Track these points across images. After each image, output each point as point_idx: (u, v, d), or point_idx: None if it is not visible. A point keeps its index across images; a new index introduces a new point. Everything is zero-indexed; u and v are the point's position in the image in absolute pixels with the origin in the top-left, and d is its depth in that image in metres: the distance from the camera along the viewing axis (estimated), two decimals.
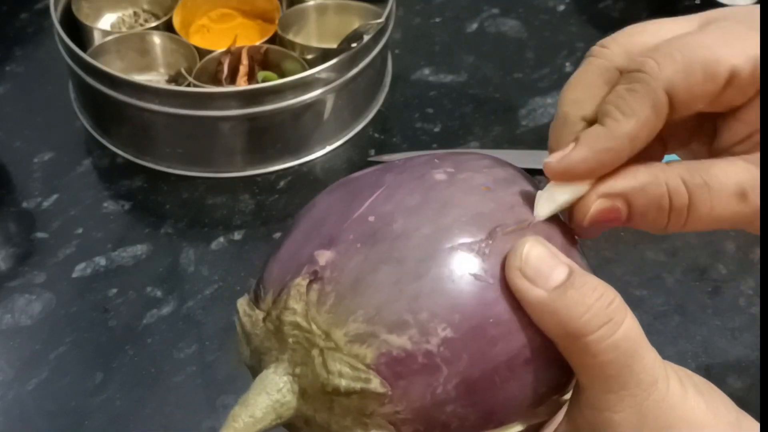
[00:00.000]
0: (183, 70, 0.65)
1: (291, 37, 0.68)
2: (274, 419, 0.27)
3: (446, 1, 0.78)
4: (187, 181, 0.63)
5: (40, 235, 0.59)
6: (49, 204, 0.61)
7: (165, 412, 0.50)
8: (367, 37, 0.62)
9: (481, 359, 0.26)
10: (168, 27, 0.68)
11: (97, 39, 0.67)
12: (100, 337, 0.53)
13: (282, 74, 0.65)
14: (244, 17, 0.72)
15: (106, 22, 0.72)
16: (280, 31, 0.67)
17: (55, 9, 0.65)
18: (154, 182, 0.63)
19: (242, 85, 0.64)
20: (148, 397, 0.50)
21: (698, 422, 0.28)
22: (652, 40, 0.28)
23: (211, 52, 0.66)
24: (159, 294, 0.55)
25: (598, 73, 0.29)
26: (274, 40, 0.67)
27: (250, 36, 0.70)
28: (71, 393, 0.51)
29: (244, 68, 0.65)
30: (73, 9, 0.67)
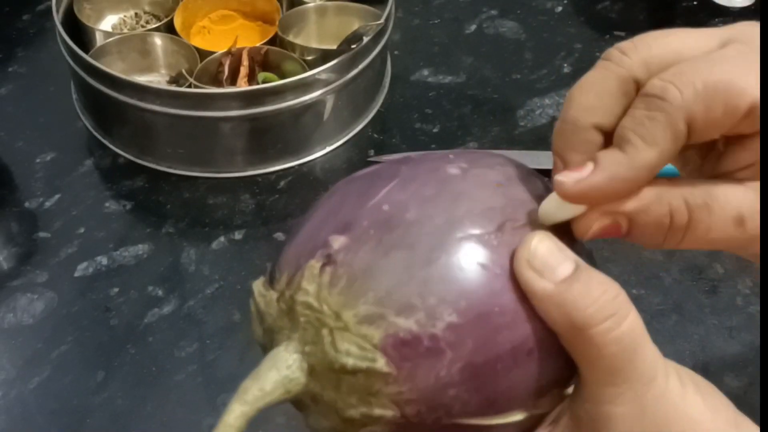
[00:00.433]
0: (184, 71, 0.65)
1: (291, 38, 0.68)
2: (282, 394, 0.28)
3: (445, 3, 0.78)
4: (188, 181, 0.63)
5: (42, 234, 0.59)
6: (51, 204, 0.61)
7: (166, 411, 0.50)
8: (366, 39, 0.62)
9: (485, 346, 0.26)
10: (169, 28, 0.68)
11: (99, 40, 0.68)
12: (101, 336, 0.53)
13: (282, 75, 0.65)
14: (245, 19, 0.72)
15: (108, 23, 0.72)
16: (280, 33, 0.67)
17: (57, 10, 0.66)
18: (156, 182, 0.63)
19: (243, 86, 0.64)
20: (150, 396, 0.51)
21: (696, 418, 0.28)
22: (673, 53, 0.28)
23: (211, 53, 0.66)
24: (160, 293, 0.56)
25: (616, 81, 0.28)
26: (275, 41, 0.68)
27: (250, 37, 0.70)
28: (73, 391, 0.51)
29: (244, 69, 0.65)
30: (75, 10, 0.68)
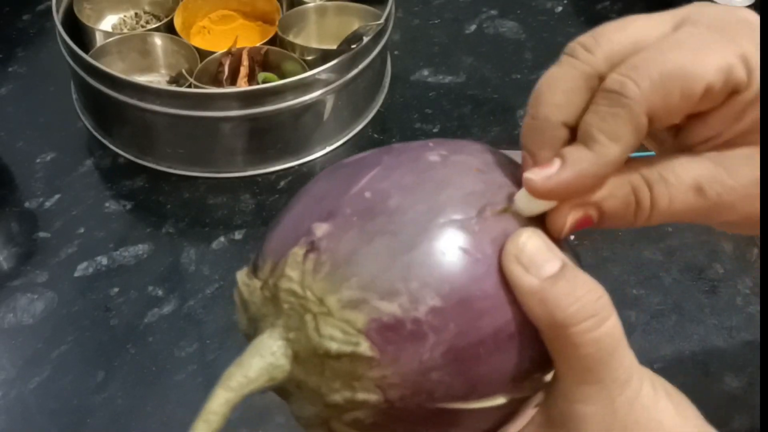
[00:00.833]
0: (184, 71, 0.65)
1: (291, 38, 0.68)
2: (266, 381, 0.28)
3: (445, 3, 0.78)
4: (188, 181, 0.63)
5: (42, 234, 0.59)
6: (51, 204, 0.61)
7: (166, 411, 0.50)
8: (366, 39, 0.62)
9: (468, 330, 0.27)
10: (169, 28, 0.68)
11: (99, 40, 0.68)
12: (101, 335, 0.54)
13: (282, 75, 0.65)
14: (245, 19, 0.72)
15: (108, 23, 0.72)
16: (280, 33, 0.67)
17: (57, 10, 0.66)
18: (156, 182, 0.63)
19: (243, 86, 0.64)
20: (150, 396, 0.51)
21: (666, 424, 0.28)
22: (632, 44, 0.28)
23: (211, 53, 0.66)
24: (160, 293, 0.56)
25: (582, 79, 0.29)
26: (275, 41, 0.68)
27: (250, 37, 0.70)
28: (73, 391, 0.51)
29: (244, 69, 0.65)
30: (75, 10, 0.68)
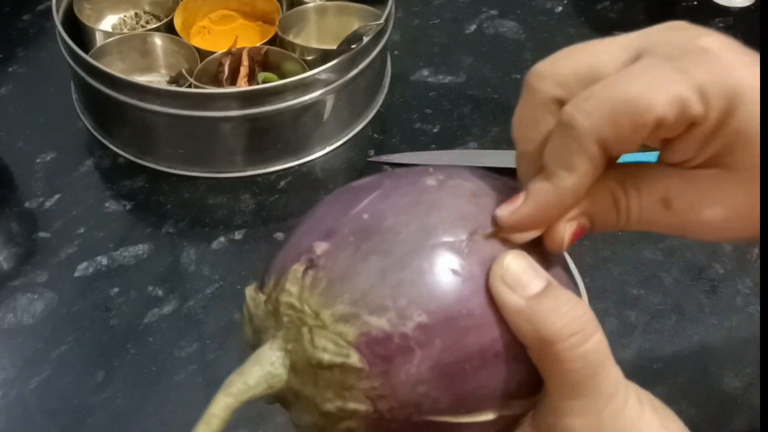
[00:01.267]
0: (184, 71, 0.65)
1: (291, 38, 0.68)
2: (265, 389, 0.29)
3: (445, 3, 0.78)
4: (188, 181, 0.63)
5: (42, 234, 0.59)
6: (51, 204, 0.61)
7: (166, 411, 0.50)
8: (366, 39, 0.62)
9: (454, 346, 0.28)
10: (169, 28, 0.68)
11: (99, 40, 0.68)
12: (101, 336, 0.54)
13: (282, 75, 0.65)
14: (245, 19, 0.72)
15: (108, 23, 0.72)
16: (280, 33, 0.67)
17: (57, 10, 0.66)
18: (156, 182, 0.63)
19: (243, 86, 0.64)
20: (150, 396, 0.51)
21: None
22: (587, 68, 0.29)
23: (211, 53, 0.66)
24: (160, 293, 0.56)
25: (541, 107, 0.30)
26: (275, 41, 0.68)
27: (250, 37, 0.70)
28: (73, 391, 0.51)
29: (244, 69, 0.65)
30: (75, 10, 0.68)
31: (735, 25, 0.75)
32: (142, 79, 0.66)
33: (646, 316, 0.55)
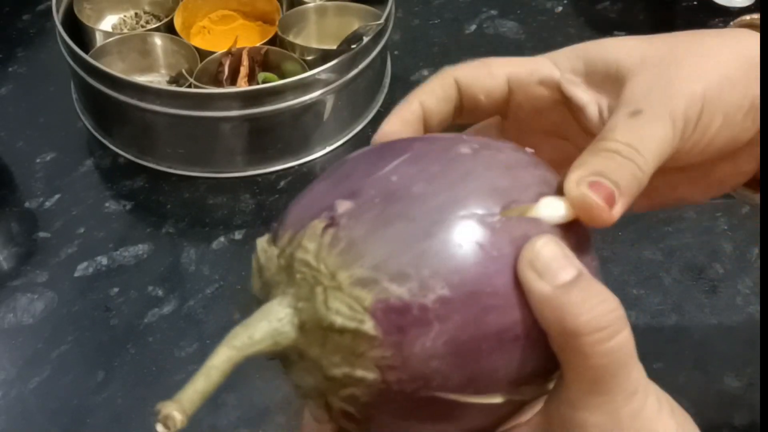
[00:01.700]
0: (184, 71, 0.65)
1: (291, 38, 0.68)
2: (270, 345, 0.28)
3: (445, 3, 0.78)
4: (188, 181, 0.63)
5: (42, 234, 0.59)
6: (52, 204, 0.61)
7: None
8: (366, 39, 0.62)
9: (472, 324, 0.27)
10: (169, 28, 0.68)
11: (99, 40, 0.68)
12: (101, 336, 0.53)
13: (282, 75, 0.65)
14: (245, 19, 0.72)
15: (108, 23, 0.72)
16: (280, 33, 0.67)
17: (57, 10, 0.66)
18: (156, 182, 0.63)
19: (243, 86, 0.64)
20: (150, 396, 0.50)
21: None
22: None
23: (211, 53, 0.66)
24: (160, 293, 0.56)
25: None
26: (275, 41, 0.68)
27: (250, 37, 0.70)
28: (73, 391, 0.51)
29: (244, 69, 0.65)
30: (75, 10, 0.68)
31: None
32: (142, 79, 0.66)
33: (646, 316, 0.55)
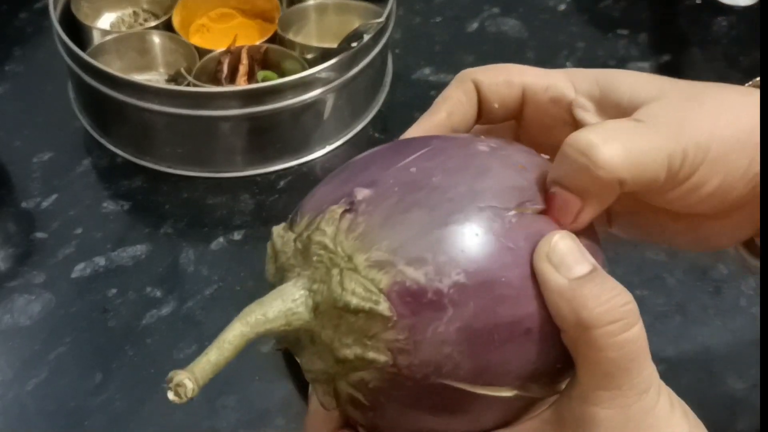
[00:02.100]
0: (183, 70, 0.65)
1: (291, 36, 0.68)
2: (282, 324, 0.29)
3: (446, 1, 0.78)
4: (187, 181, 0.63)
5: (39, 235, 0.59)
6: (49, 204, 0.61)
7: (164, 413, 0.49)
8: (367, 37, 0.62)
9: (486, 313, 0.27)
10: (168, 26, 0.68)
11: (97, 39, 0.67)
12: (99, 337, 0.53)
13: (282, 74, 0.65)
14: (244, 17, 0.72)
15: (106, 21, 0.72)
16: (280, 31, 0.67)
17: (55, 8, 0.65)
18: (154, 182, 0.63)
19: (242, 85, 0.64)
20: (148, 398, 0.50)
21: None
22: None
23: (210, 51, 0.66)
24: (158, 294, 0.55)
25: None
26: (274, 39, 0.67)
27: (249, 35, 0.70)
28: (71, 393, 0.50)
29: (243, 68, 0.65)
30: (73, 9, 0.67)
31: (738, 24, 0.75)
32: (141, 78, 0.66)
33: (649, 317, 0.54)
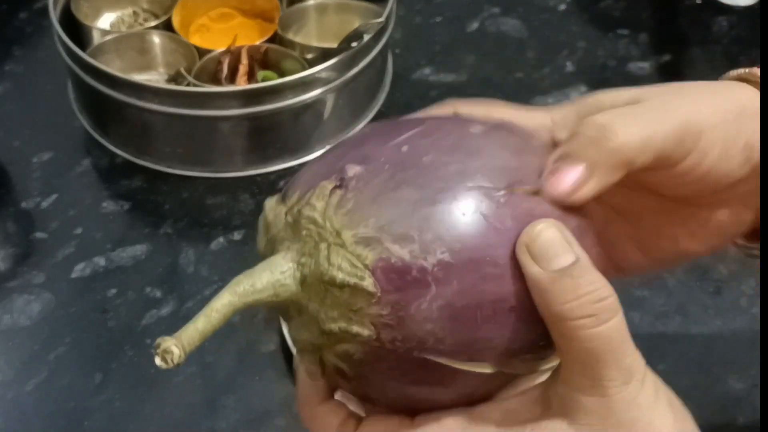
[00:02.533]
0: (182, 70, 0.65)
1: (291, 36, 0.68)
2: (270, 295, 0.29)
3: (447, 1, 0.78)
4: (187, 181, 0.62)
5: (39, 235, 0.59)
6: (48, 204, 0.61)
7: (164, 413, 0.49)
8: (367, 37, 0.62)
9: (469, 291, 0.28)
10: (167, 26, 0.68)
11: (97, 38, 0.67)
12: (99, 337, 0.53)
13: (282, 74, 0.65)
14: (244, 16, 0.72)
15: (106, 21, 0.72)
16: (280, 31, 0.67)
17: (54, 8, 0.65)
18: (154, 182, 0.62)
19: (242, 85, 0.64)
20: (148, 398, 0.50)
21: (661, 429, 0.29)
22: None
23: (210, 51, 0.66)
24: (158, 294, 0.55)
25: None
26: (274, 39, 0.67)
27: (249, 35, 0.70)
28: (70, 393, 0.50)
29: (243, 68, 0.65)
30: (72, 8, 0.67)
31: (739, 24, 0.75)
32: (140, 78, 0.66)
33: (650, 318, 0.54)
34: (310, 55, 0.66)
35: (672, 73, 0.71)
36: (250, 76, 0.65)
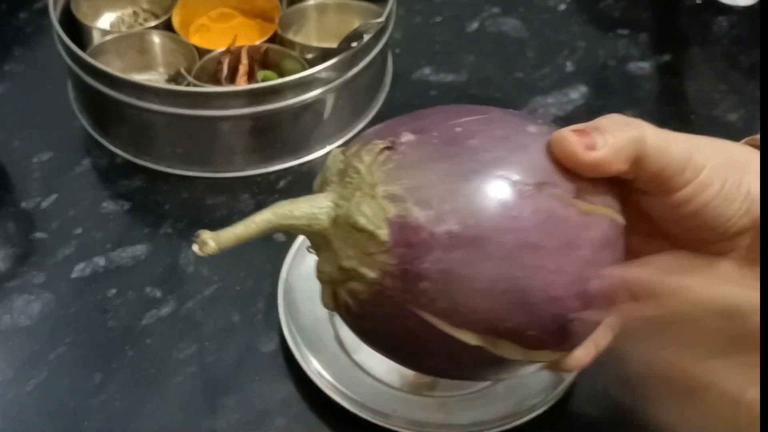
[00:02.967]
0: (182, 70, 0.65)
1: (291, 36, 0.68)
2: (304, 224, 0.34)
3: (447, 1, 0.78)
4: (187, 181, 0.62)
5: (39, 235, 0.59)
6: (48, 204, 0.61)
7: (164, 413, 0.49)
8: (367, 37, 0.62)
9: (470, 263, 0.31)
10: (167, 26, 0.68)
11: (96, 38, 0.67)
12: (99, 337, 0.53)
13: (282, 74, 0.65)
14: (244, 16, 0.72)
15: (106, 21, 0.72)
16: (279, 31, 0.67)
17: (54, 8, 0.65)
18: (154, 182, 0.62)
19: (242, 85, 0.63)
20: (148, 398, 0.50)
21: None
22: None
23: (210, 51, 0.66)
24: (158, 294, 0.55)
25: None
26: (274, 39, 0.67)
27: (249, 35, 0.70)
28: (70, 394, 0.50)
29: (243, 68, 0.65)
30: (72, 8, 0.67)
31: (739, 24, 0.75)
32: (140, 78, 0.66)
33: None
34: (310, 55, 0.66)
35: (672, 73, 0.70)
36: (250, 76, 0.65)
